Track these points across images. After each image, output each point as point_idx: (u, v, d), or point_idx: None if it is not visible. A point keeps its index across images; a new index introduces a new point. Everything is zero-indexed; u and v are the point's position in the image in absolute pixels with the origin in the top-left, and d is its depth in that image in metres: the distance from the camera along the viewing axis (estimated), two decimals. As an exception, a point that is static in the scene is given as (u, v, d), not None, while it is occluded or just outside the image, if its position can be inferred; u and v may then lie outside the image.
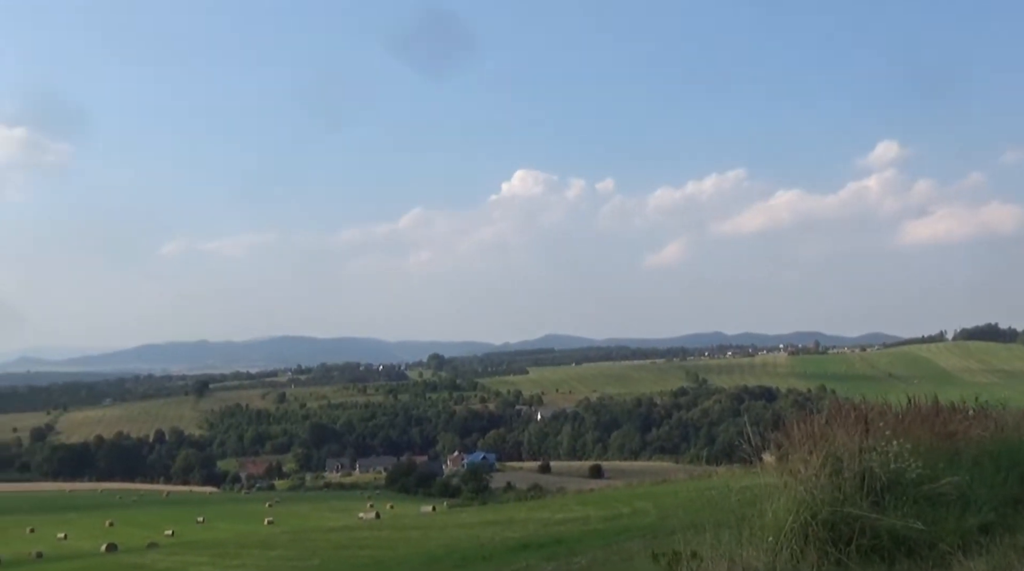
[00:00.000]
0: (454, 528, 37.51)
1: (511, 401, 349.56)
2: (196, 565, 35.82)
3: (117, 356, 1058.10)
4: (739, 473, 8.16)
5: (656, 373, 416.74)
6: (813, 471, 7.68)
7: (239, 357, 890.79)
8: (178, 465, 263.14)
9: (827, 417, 9.20)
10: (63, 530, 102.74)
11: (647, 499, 33.02)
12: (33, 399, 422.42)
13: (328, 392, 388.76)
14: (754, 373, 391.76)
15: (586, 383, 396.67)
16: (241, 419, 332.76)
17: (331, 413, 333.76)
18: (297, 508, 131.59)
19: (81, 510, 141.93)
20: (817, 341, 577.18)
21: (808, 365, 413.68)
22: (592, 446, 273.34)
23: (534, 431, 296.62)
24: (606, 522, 26.52)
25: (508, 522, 34.91)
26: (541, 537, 25.13)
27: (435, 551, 26.35)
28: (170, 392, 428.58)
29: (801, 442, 8.37)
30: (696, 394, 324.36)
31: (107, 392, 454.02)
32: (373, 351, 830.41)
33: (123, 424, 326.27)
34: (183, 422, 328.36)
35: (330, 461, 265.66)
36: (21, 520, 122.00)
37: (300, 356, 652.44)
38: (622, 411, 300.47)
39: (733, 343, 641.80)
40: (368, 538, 38.92)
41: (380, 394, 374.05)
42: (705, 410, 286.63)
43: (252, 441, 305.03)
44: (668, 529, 11.99)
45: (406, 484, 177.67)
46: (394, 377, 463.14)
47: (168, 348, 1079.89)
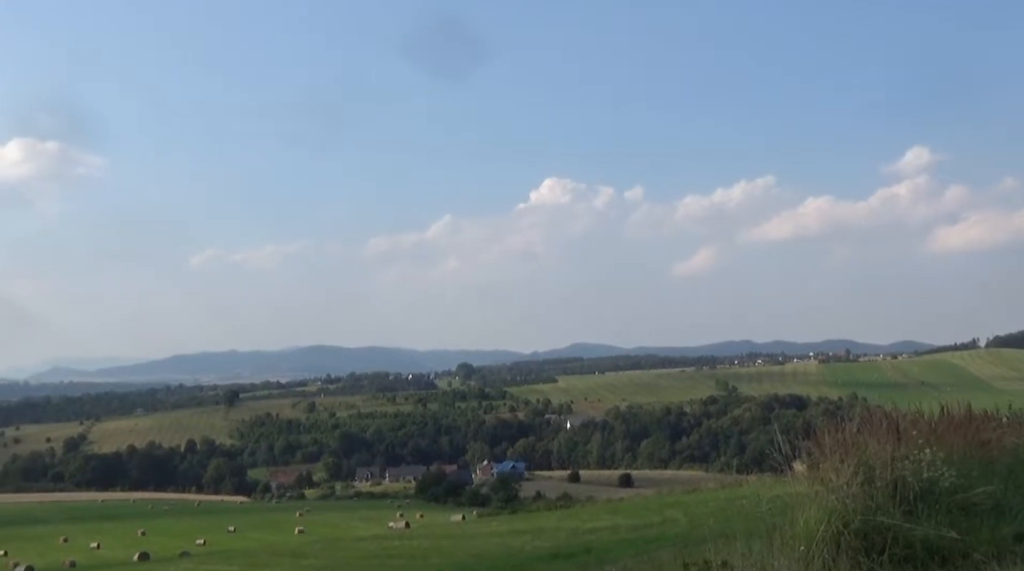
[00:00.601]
0: (484, 537, 37.48)
1: (540, 410, 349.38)
2: (228, 574, 35.97)
3: (148, 366, 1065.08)
4: (770, 482, 8.12)
5: (685, 381, 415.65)
6: (845, 480, 7.64)
7: (269, 367, 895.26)
8: (209, 474, 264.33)
9: (858, 425, 9.14)
10: (96, 539, 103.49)
11: (677, 508, 32.88)
12: (66, 409, 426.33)
13: (358, 401, 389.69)
14: (784, 381, 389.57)
15: (615, 392, 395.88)
16: (271, 428, 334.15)
17: (361, 422, 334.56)
18: (327, 517, 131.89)
19: (114, 519, 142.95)
20: (848, 349, 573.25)
21: (839, 373, 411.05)
22: (621, 455, 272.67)
23: (563, 440, 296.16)
24: (636, 531, 26.43)
25: (538, 531, 34.86)
26: (571, 546, 25.08)
27: (465, 560, 26.36)
28: (201, 402, 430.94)
29: (832, 451, 8.32)
30: (726, 402, 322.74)
31: (139, 402, 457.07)
32: (402, 360, 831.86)
33: (155, 434, 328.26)
34: (214, 432, 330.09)
35: (360, 470, 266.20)
36: (55, 529, 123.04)
37: (330, 366, 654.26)
38: (651, 420, 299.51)
39: (763, 351, 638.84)
40: (398, 547, 38.96)
41: (409, 403, 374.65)
42: (735, 419, 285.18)
43: (282, 450, 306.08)
44: (699, 538, 11.92)
45: (436, 493, 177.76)
46: (423, 386, 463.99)
47: (199, 358, 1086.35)
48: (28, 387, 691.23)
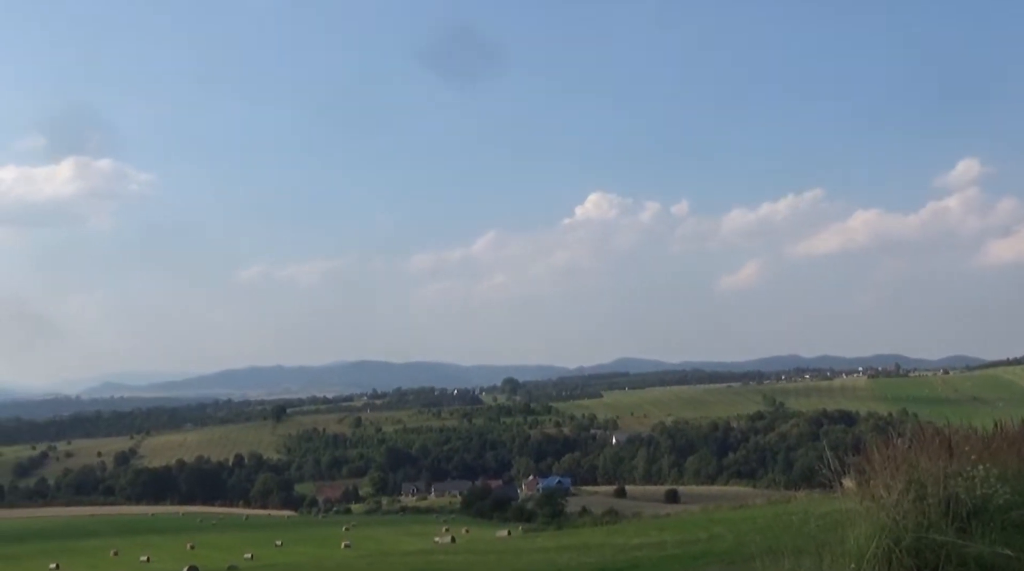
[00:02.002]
0: (530, 553, 37.39)
1: (586, 425, 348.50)
2: (274, 588, 36.16)
3: (197, 381, 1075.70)
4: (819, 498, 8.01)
5: (732, 397, 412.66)
6: (896, 496, 7.53)
7: (316, 382, 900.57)
8: (257, 489, 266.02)
9: (910, 441, 9.02)
10: (146, 553, 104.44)
11: (724, 524, 32.60)
12: (117, 424, 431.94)
13: (403, 416, 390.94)
14: (833, 397, 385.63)
15: (661, 407, 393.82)
16: (318, 443, 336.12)
17: (406, 437, 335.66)
18: (373, 532, 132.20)
19: (163, 533, 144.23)
20: (898, 364, 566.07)
21: (889, 388, 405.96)
22: (668, 470, 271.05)
23: (609, 455, 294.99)
24: (683, 547, 26.22)
25: (584, 547, 34.70)
26: (617, 562, 24.94)
27: (511, 576, 26.29)
28: (249, 417, 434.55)
29: (883, 467, 8.21)
30: (773, 418, 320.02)
31: (188, 417, 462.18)
32: (448, 375, 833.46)
33: (203, 448, 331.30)
34: (261, 446, 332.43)
35: (406, 485, 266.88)
36: (106, 543, 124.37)
37: (376, 381, 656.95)
38: (698, 435, 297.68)
39: (811, 366, 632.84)
40: (444, 562, 38.97)
41: (455, 418, 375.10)
42: (783, 434, 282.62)
43: (329, 465, 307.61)
44: (746, 555, 11.83)
45: (481, 508, 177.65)
46: (468, 401, 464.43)
47: (246, 373, 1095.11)
48: (80, 402, 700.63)
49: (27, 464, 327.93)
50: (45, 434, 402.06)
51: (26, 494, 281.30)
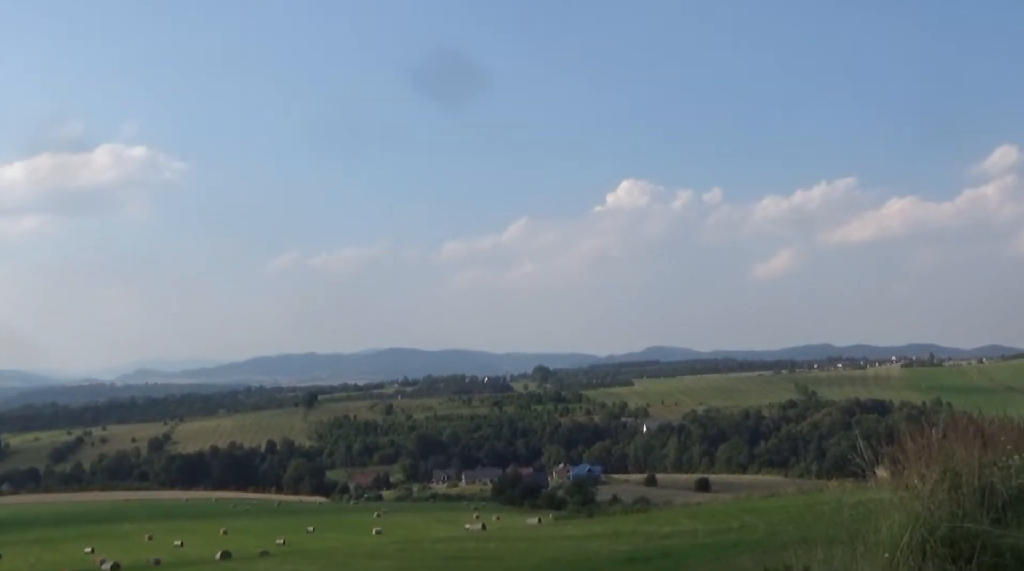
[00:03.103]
0: (561, 540, 37.44)
1: (616, 413, 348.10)
2: (307, 574, 36.36)
3: (230, 368, 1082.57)
4: (851, 488, 7.98)
5: (764, 385, 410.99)
6: (930, 486, 7.48)
7: (347, 369, 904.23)
8: (289, 475, 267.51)
9: (944, 431, 8.94)
10: (180, 537, 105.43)
11: (756, 513, 32.51)
12: (151, 410, 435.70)
13: (434, 404, 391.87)
14: (866, 386, 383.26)
15: (692, 395, 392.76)
16: (349, 430, 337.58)
17: (437, 424, 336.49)
18: (404, 518, 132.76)
19: (197, 518, 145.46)
20: (932, 353, 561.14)
21: (922, 377, 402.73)
22: (699, 459, 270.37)
23: (640, 443, 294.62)
24: (714, 536, 26.18)
25: (615, 535, 34.71)
26: (648, 550, 24.92)
27: (542, 563, 26.33)
28: (281, 403, 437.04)
29: (917, 456, 8.15)
30: (805, 407, 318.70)
31: (221, 403, 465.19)
32: (478, 363, 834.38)
33: (236, 434, 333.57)
34: (293, 433, 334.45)
35: (436, 472, 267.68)
36: (140, 527, 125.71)
37: (406, 368, 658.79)
38: (729, 424, 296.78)
39: (843, 355, 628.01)
40: (475, 549, 39.07)
41: (485, 406, 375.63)
42: (815, 423, 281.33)
43: (360, 452, 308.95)
44: (778, 544, 11.81)
45: (512, 496, 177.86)
46: (499, 389, 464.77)
47: (278, 360, 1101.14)
48: (115, 388, 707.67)
49: (63, 449, 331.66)
50: (81, 420, 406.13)
51: (62, 479, 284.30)
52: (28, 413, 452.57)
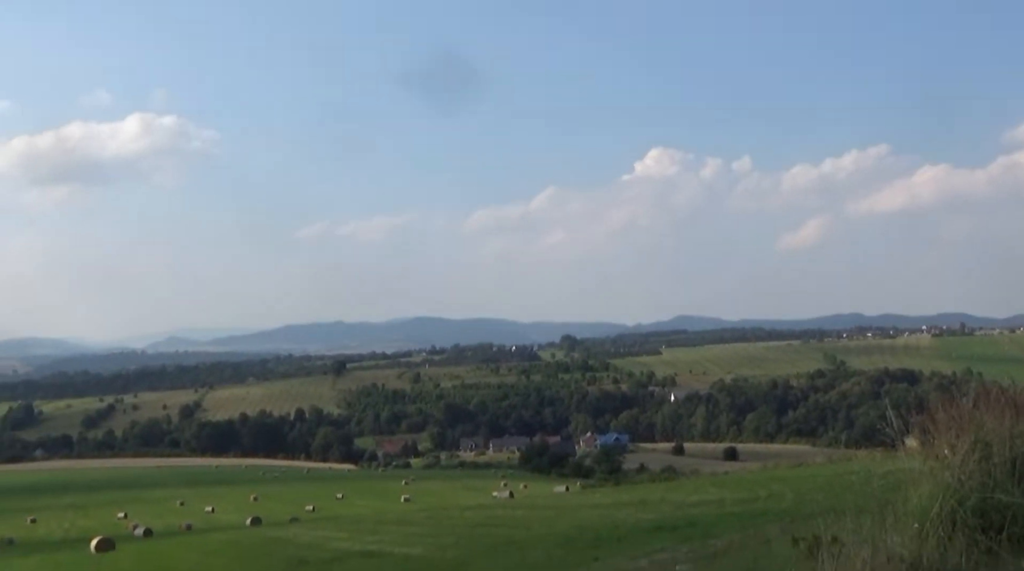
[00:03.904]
0: (588, 508, 37.54)
1: (644, 382, 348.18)
2: (336, 539, 36.66)
3: (259, 336, 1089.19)
4: (880, 457, 7.96)
5: (792, 355, 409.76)
6: (961, 456, 7.42)
7: (375, 338, 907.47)
8: (318, 442, 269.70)
9: (974, 401, 8.87)
10: (211, 503, 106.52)
11: (784, 482, 32.48)
12: (181, 378, 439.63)
13: (462, 372, 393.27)
14: (895, 355, 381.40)
15: (720, 365, 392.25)
16: (377, 398, 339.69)
17: (465, 393, 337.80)
18: (432, 486, 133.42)
19: (227, 484, 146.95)
20: (963, 323, 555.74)
21: (953, 347, 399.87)
22: (726, 428, 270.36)
23: (667, 412, 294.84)
24: (742, 505, 26.18)
25: (642, 503, 34.78)
26: (675, 519, 24.95)
27: (569, 531, 26.41)
28: (309, 372, 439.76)
29: (947, 426, 8.09)
30: (834, 376, 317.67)
31: (250, 371, 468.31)
32: (506, 332, 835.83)
33: (265, 402, 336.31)
34: (322, 401, 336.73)
35: (464, 440, 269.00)
36: (172, 493, 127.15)
37: (434, 337, 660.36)
38: (757, 393, 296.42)
39: (873, 325, 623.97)
40: (502, 517, 39.24)
41: (513, 375, 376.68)
42: (843, 393, 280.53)
43: (388, 420, 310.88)
44: (806, 513, 11.78)
45: (539, 464, 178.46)
46: (527, 358, 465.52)
47: (307, 329, 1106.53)
48: (145, 356, 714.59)
49: (95, 416, 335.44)
50: (112, 387, 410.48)
51: (95, 445, 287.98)
52: (60, 381, 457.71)
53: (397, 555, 27.87)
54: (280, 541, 41.18)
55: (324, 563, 28.84)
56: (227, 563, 34.78)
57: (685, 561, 13.60)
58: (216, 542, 47.55)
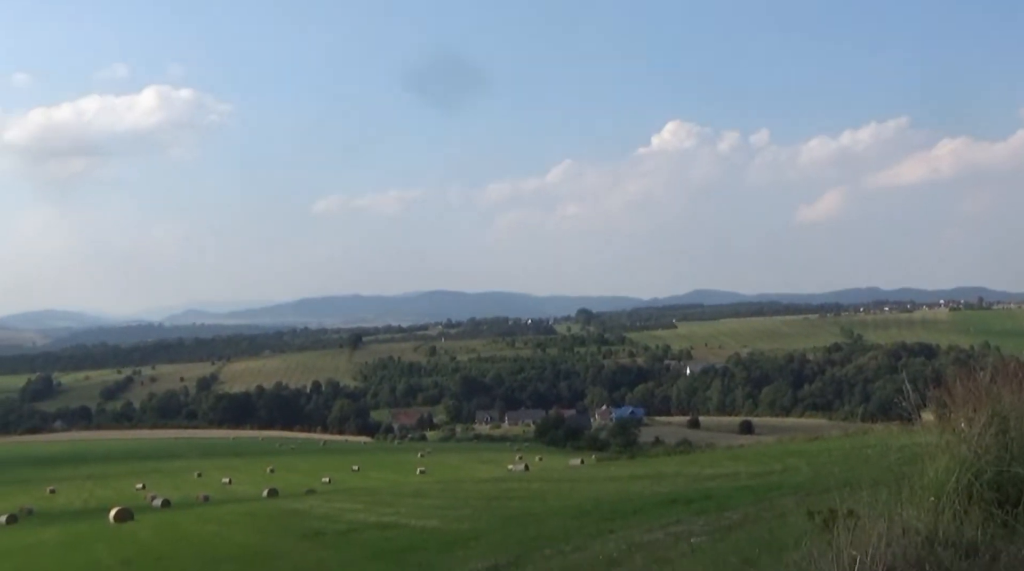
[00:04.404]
0: (603, 481, 37.63)
1: (659, 356, 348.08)
2: (352, 511, 36.89)
3: (276, 309, 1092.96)
4: (897, 431, 7.91)
5: (808, 328, 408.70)
6: (978, 430, 7.39)
7: (391, 311, 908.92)
8: (334, 415, 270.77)
9: (992, 375, 8.83)
10: (228, 475, 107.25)
11: (799, 456, 32.44)
12: (198, 350, 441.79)
13: (478, 346, 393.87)
14: (912, 329, 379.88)
15: (736, 338, 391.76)
16: (393, 371, 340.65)
17: (481, 366, 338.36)
18: (448, 459, 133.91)
19: (244, 456, 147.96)
20: (981, 296, 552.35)
21: (971, 321, 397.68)
22: (742, 402, 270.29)
23: (683, 386, 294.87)
24: (757, 478, 26.18)
25: (657, 476, 34.84)
26: (691, 492, 24.99)
27: (584, 504, 26.49)
28: (325, 344, 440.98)
29: (964, 400, 8.06)
30: (850, 350, 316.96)
31: (266, 344, 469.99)
32: (521, 305, 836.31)
33: (282, 375, 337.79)
34: (338, 373, 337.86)
35: (480, 413, 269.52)
36: (189, 465, 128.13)
37: (450, 310, 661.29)
38: (773, 367, 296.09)
39: (890, 298, 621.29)
40: (518, 489, 39.37)
41: (528, 348, 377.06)
42: (860, 367, 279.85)
43: (404, 393, 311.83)
44: (822, 487, 11.77)
45: (555, 437, 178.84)
46: (542, 331, 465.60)
47: (324, 302, 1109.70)
48: (163, 329, 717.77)
49: (113, 388, 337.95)
50: (130, 359, 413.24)
51: (113, 417, 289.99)
52: (79, 352, 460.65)
53: (413, 527, 28.03)
54: (296, 513, 41.45)
55: (340, 534, 29.03)
56: (244, 534, 35.05)
57: (700, 533, 13.63)
58: (233, 513, 47.90)
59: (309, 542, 28.38)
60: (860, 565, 5.54)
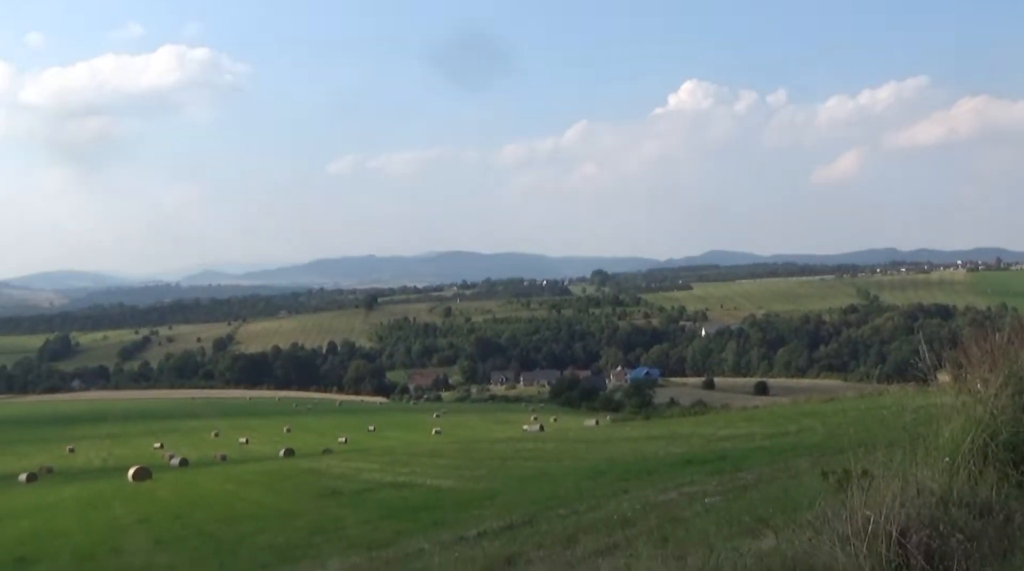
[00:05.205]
0: (618, 442, 37.76)
1: (675, 317, 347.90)
2: (368, 471, 37.15)
3: (292, 270, 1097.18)
4: (912, 392, 7.91)
5: (825, 290, 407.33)
6: (994, 391, 7.36)
7: (406, 272, 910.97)
8: (350, 375, 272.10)
9: (1009, 335, 8.78)
10: (245, 435, 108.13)
11: (814, 417, 32.44)
12: (215, 311, 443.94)
13: (493, 307, 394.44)
14: (929, 290, 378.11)
15: (751, 300, 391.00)
16: (409, 332, 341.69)
17: (496, 327, 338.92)
18: (463, 419, 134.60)
19: (261, 416, 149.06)
20: (999, 257, 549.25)
21: (988, 282, 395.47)
22: (757, 363, 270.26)
23: (698, 347, 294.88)
24: (772, 439, 26.21)
25: (672, 437, 34.93)
26: (705, 452, 25.06)
27: (599, 464, 26.59)
28: (341, 305, 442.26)
29: (980, 361, 8.02)
30: (867, 311, 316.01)
31: (283, 305, 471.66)
32: (537, 266, 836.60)
33: (298, 335, 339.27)
34: (354, 334, 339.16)
35: (495, 374, 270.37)
36: (207, 424, 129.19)
37: (465, 271, 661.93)
38: (788, 328, 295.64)
39: (907, 260, 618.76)
40: (533, 450, 39.57)
41: (544, 309, 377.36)
42: (876, 328, 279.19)
43: (419, 353, 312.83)
44: (837, 447, 11.77)
45: (570, 398, 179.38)
46: (557, 292, 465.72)
47: (339, 262, 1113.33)
48: (180, 289, 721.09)
49: (131, 348, 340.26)
50: (147, 319, 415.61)
51: (131, 376, 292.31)
52: (96, 313, 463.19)
53: (428, 486, 28.21)
54: (313, 472, 41.77)
55: (356, 493, 29.24)
56: (261, 493, 35.36)
57: (714, 493, 13.67)
58: (250, 472, 48.31)
59: (325, 501, 28.60)
60: (874, 525, 5.54)
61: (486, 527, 14.97)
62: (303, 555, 17.75)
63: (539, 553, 10.51)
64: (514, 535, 13.43)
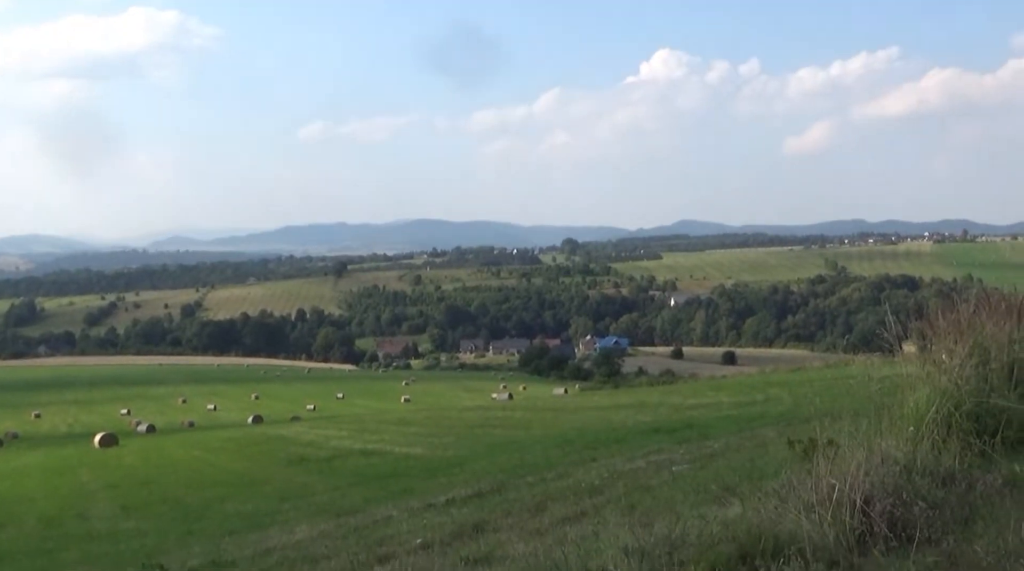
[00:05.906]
0: (586, 410, 37.93)
1: (644, 286, 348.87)
2: (338, 438, 37.19)
3: (261, 237, 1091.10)
4: (878, 362, 7.96)
5: (793, 260, 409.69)
6: (958, 361, 7.43)
7: (377, 239, 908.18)
8: (319, 343, 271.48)
9: (974, 307, 8.84)
10: (213, 402, 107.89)
11: (781, 386, 32.73)
12: (183, 277, 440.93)
13: (463, 275, 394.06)
14: (896, 261, 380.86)
15: (721, 270, 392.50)
16: (378, 300, 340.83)
17: (465, 296, 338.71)
18: (432, 387, 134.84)
19: (229, 383, 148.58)
20: (965, 229, 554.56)
21: (954, 254, 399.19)
22: (726, 333, 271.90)
23: (667, 317, 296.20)
24: (739, 408, 26.43)
25: (640, 406, 35.12)
26: (673, 421, 25.23)
27: (568, 432, 26.73)
28: (310, 273, 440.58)
29: (946, 332, 8.08)
30: (834, 282, 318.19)
31: (251, 271, 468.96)
32: (507, 235, 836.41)
33: (266, 302, 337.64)
34: (323, 301, 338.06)
35: (464, 342, 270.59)
36: (174, 391, 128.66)
37: (435, 239, 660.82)
38: (757, 298, 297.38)
39: (875, 231, 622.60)
40: (502, 418, 39.71)
41: (514, 278, 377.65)
42: (843, 298, 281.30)
43: (389, 321, 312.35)
44: (803, 417, 11.88)
45: (539, 366, 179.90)
46: (527, 261, 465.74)
47: (308, 230, 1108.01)
48: (147, 255, 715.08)
49: (97, 314, 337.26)
50: (114, 285, 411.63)
51: (97, 342, 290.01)
52: (62, 278, 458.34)
53: (397, 454, 28.26)
54: (281, 439, 41.76)
55: (324, 461, 29.27)
56: (229, 460, 35.31)
57: (681, 462, 13.76)
58: (218, 439, 48.23)
59: (294, 468, 28.62)
60: (839, 493, 5.59)
61: (455, 494, 15.02)
62: (271, 522, 17.76)
63: (508, 520, 10.55)
64: (483, 502, 13.49)
